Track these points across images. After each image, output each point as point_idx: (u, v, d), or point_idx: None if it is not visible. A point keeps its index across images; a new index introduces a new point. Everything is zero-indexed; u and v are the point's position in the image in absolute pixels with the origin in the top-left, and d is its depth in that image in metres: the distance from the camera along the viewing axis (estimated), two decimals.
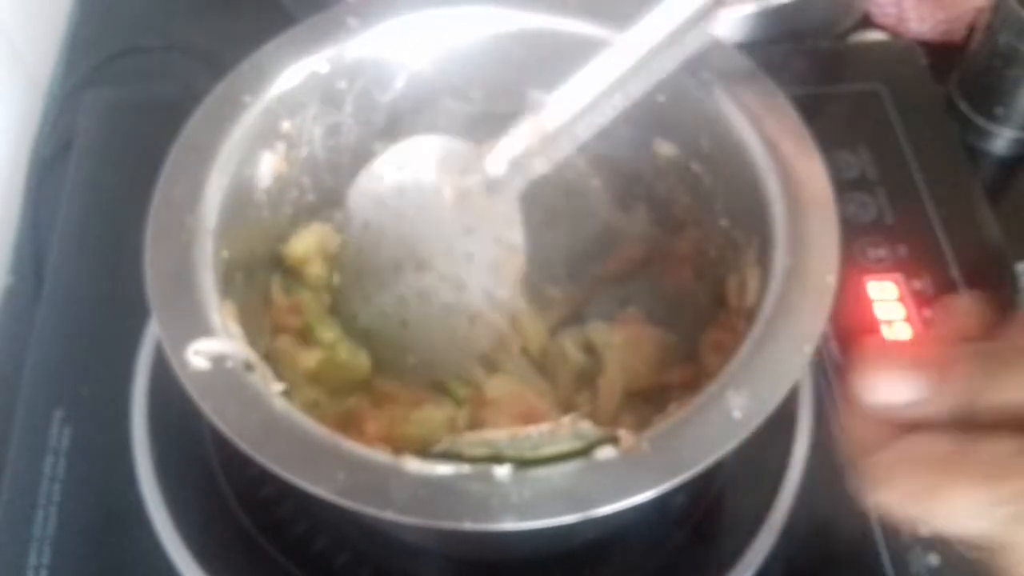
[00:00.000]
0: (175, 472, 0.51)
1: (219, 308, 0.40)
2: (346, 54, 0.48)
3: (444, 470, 0.35)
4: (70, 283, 0.58)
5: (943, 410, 0.30)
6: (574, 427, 0.38)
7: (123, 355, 0.54)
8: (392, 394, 0.48)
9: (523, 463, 0.36)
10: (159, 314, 0.38)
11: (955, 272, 0.58)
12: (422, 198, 0.47)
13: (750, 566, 0.48)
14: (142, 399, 0.53)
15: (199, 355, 0.37)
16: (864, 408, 0.32)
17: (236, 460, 0.35)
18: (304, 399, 0.46)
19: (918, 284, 0.57)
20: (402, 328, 0.48)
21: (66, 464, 0.51)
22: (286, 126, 0.47)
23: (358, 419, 0.47)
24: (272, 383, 0.39)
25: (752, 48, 0.46)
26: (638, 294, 0.52)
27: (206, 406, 0.36)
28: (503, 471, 0.35)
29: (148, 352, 0.54)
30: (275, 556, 0.49)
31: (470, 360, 0.47)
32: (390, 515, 0.34)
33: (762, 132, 0.44)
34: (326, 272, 0.50)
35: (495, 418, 0.46)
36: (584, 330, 0.50)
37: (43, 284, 0.59)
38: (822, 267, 0.40)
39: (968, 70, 0.66)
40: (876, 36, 0.73)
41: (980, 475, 0.28)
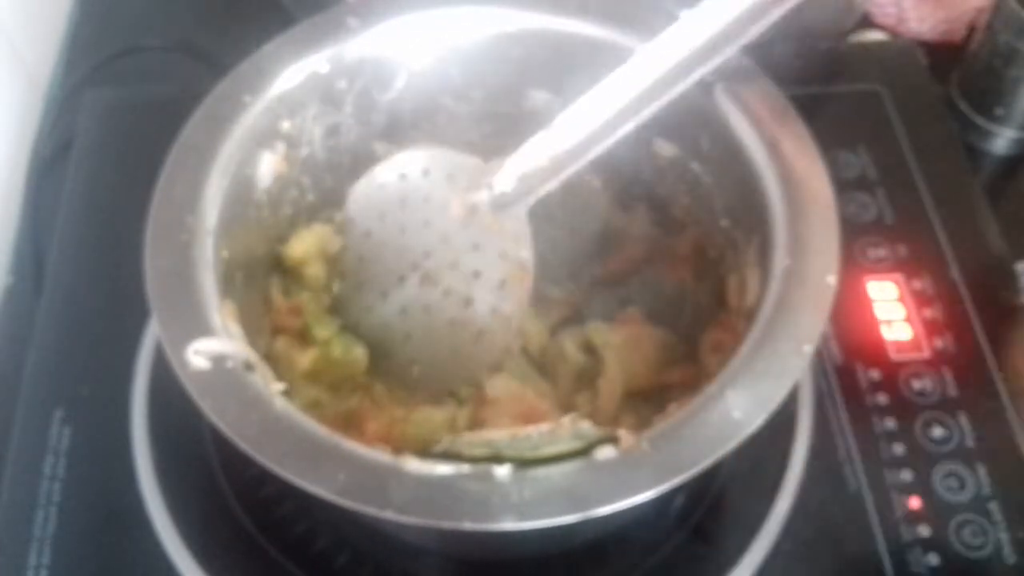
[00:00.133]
0: (175, 472, 0.51)
1: (219, 308, 0.40)
2: (346, 54, 0.48)
3: (444, 470, 0.35)
4: (70, 283, 0.58)
5: None
6: (574, 427, 0.38)
7: (123, 355, 0.54)
8: (392, 395, 0.49)
9: (523, 463, 0.36)
10: (159, 314, 0.39)
11: (955, 272, 0.58)
12: (427, 211, 0.47)
13: (750, 566, 0.48)
14: (142, 399, 0.53)
15: (199, 355, 0.37)
16: None
17: (236, 460, 0.35)
18: (305, 399, 0.46)
19: (918, 284, 0.57)
20: (405, 340, 0.48)
21: (66, 464, 0.51)
22: (286, 126, 0.47)
23: (358, 419, 0.47)
24: (272, 383, 0.39)
25: (752, 48, 0.45)
26: (638, 294, 0.52)
27: (206, 406, 0.36)
28: (503, 471, 0.35)
29: (148, 352, 0.54)
30: (275, 556, 0.49)
31: (474, 376, 0.47)
32: (390, 515, 0.34)
33: (762, 132, 0.44)
34: (325, 273, 0.50)
35: (495, 418, 0.46)
36: (584, 330, 0.50)
37: (43, 284, 0.59)
38: (822, 267, 0.40)
39: (968, 70, 0.66)
40: (876, 36, 0.73)
41: None
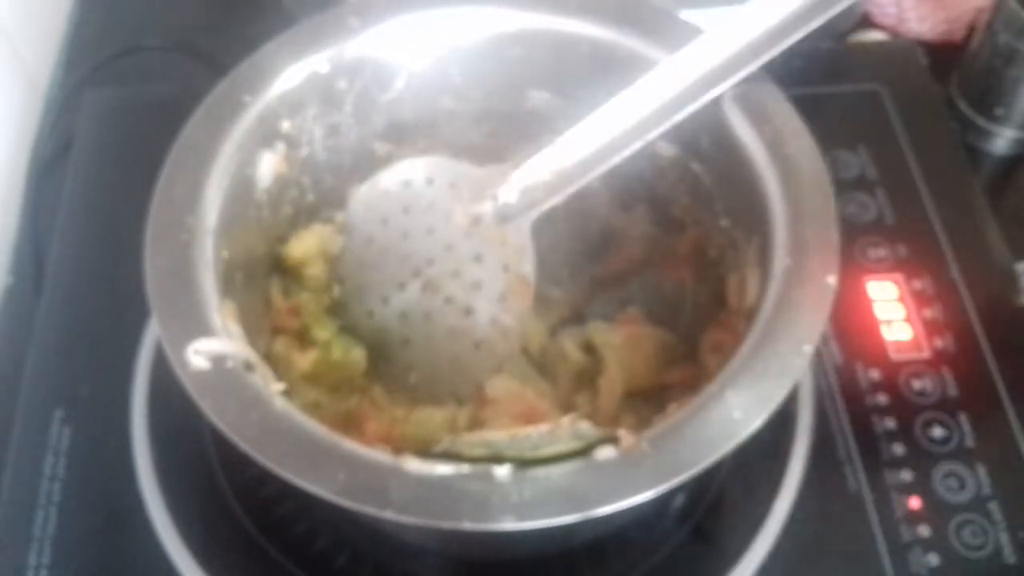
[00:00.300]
0: (175, 472, 0.51)
1: (219, 308, 0.40)
2: (346, 54, 0.48)
3: (444, 470, 0.35)
4: (70, 283, 0.58)
5: None
6: (574, 427, 0.38)
7: (123, 355, 0.54)
8: (391, 396, 0.48)
9: (523, 463, 0.36)
10: (159, 314, 0.38)
11: (955, 272, 0.58)
12: (431, 219, 0.47)
13: (750, 566, 0.48)
14: (142, 399, 0.53)
15: (199, 355, 0.37)
16: None
17: (236, 460, 0.35)
18: (304, 400, 0.46)
19: (918, 284, 0.57)
20: (404, 346, 0.48)
21: (66, 464, 0.51)
22: (286, 126, 0.47)
23: (358, 419, 0.47)
24: (272, 383, 0.39)
25: None
26: (638, 294, 0.52)
27: (206, 406, 0.36)
28: (503, 471, 0.35)
29: (148, 352, 0.54)
30: (275, 556, 0.49)
31: (472, 385, 0.47)
32: (390, 515, 0.34)
33: (762, 132, 0.44)
34: (325, 274, 0.50)
35: (495, 418, 0.46)
36: (584, 330, 0.50)
37: (43, 284, 0.59)
38: (822, 267, 0.40)
39: (968, 70, 0.66)
40: (876, 36, 0.73)
41: None
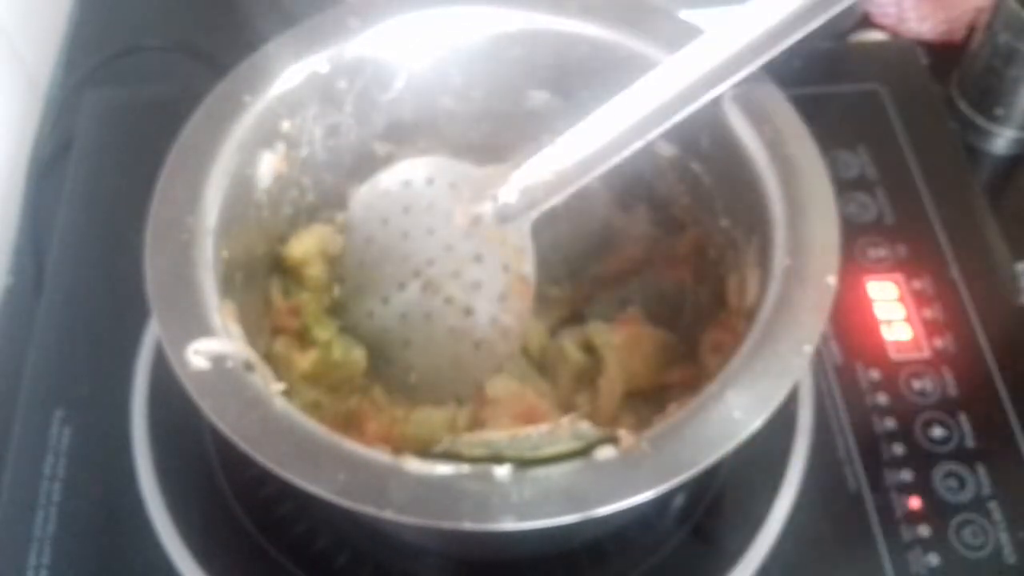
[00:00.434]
0: (175, 472, 0.51)
1: (219, 308, 0.40)
2: (346, 54, 0.48)
3: (444, 470, 0.35)
4: (70, 283, 0.58)
5: None
6: (573, 427, 0.38)
7: (123, 355, 0.54)
8: (391, 397, 0.48)
9: (523, 463, 0.36)
10: (159, 314, 0.38)
11: (955, 272, 0.58)
12: (431, 219, 0.47)
13: (750, 566, 0.48)
14: (142, 399, 0.53)
15: (199, 355, 0.37)
16: None
17: (236, 460, 0.35)
18: (304, 400, 0.46)
19: (918, 284, 0.57)
20: (405, 346, 0.48)
21: (66, 464, 0.51)
22: (286, 126, 0.47)
23: (358, 419, 0.47)
24: (272, 383, 0.39)
25: None
26: (638, 294, 0.52)
27: (206, 406, 0.36)
28: (503, 471, 0.35)
29: (148, 352, 0.54)
30: (275, 556, 0.49)
31: (472, 385, 0.47)
32: (390, 515, 0.34)
33: (762, 132, 0.44)
34: (325, 274, 0.50)
35: (495, 418, 0.46)
36: (584, 330, 0.50)
37: (43, 284, 0.59)
38: (822, 267, 0.40)
39: (968, 70, 0.66)
40: (876, 36, 0.73)
41: None
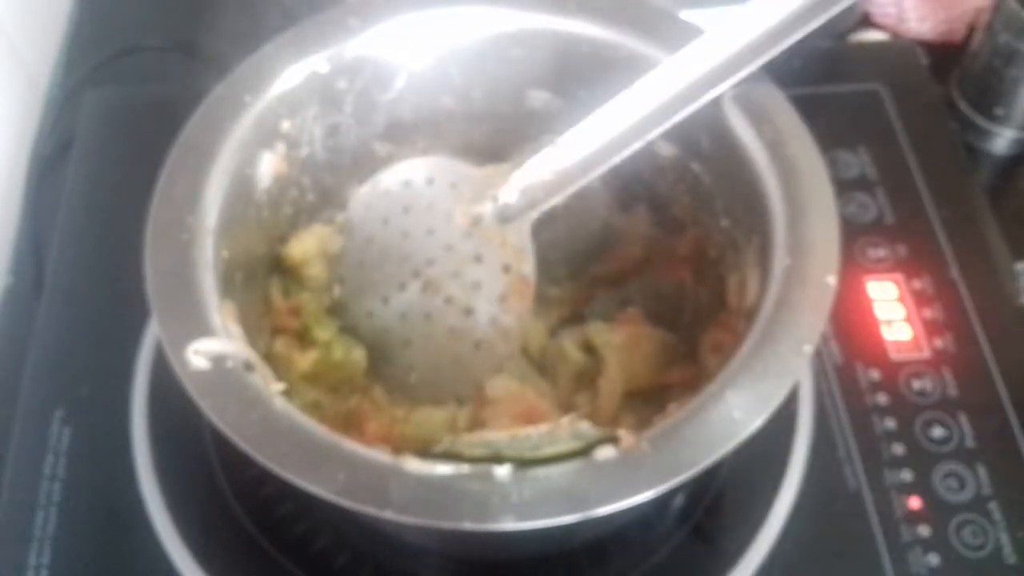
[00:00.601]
0: (175, 472, 0.51)
1: (219, 308, 0.40)
2: (346, 54, 0.48)
3: (444, 470, 0.35)
4: (70, 283, 0.58)
5: None
6: (573, 427, 0.38)
7: (123, 355, 0.54)
8: (391, 397, 0.48)
9: (523, 463, 0.36)
10: (159, 314, 0.38)
11: (955, 272, 0.58)
12: (431, 219, 0.47)
13: (750, 566, 0.48)
14: (142, 399, 0.53)
15: (199, 355, 0.37)
16: None
17: (236, 460, 0.35)
18: (304, 399, 0.46)
19: (918, 284, 0.57)
20: (405, 346, 0.48)
21: (66, 464, 0.51)
22: (286, 126, 0.47)
23: (358, 419, 0.47)
24: (272, 383, 0.39)
25: None
26: (638, 294, 0.52)
27: (206, 406, 0.36)
28: (503, 471, 0.35)
29: (148, 352, 0.54)
30: (275, 556, 0.49)
31: (472, 385, 0.47)
32: (390, 515, 0.34)
33: (762, 132, 0.44)
34: (325, 274, 0.50)
35: (495, 418, 0.46)
36: (584, 330, 0.50)
37: (43, 284, 0.59)
38: (822, 267, 0.40)
39: (968, 70, 0.66)
40: (876, 36, 0.73)
41: None
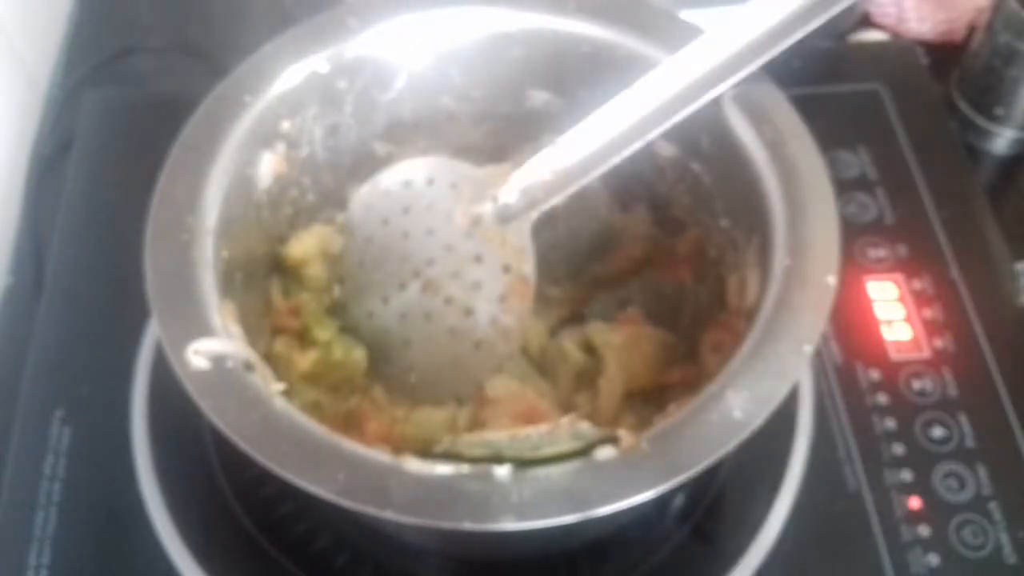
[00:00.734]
0: (175, 472, 0.51)
1: (219, 308, 0.40)
2: (346, 54, 0.48)
3: (444, 470, 0.35)
4: (70, 283, 0.58)
5: None
6: (573, 427, 0.38)
7: (123, 355, 0.54)
8: (391, 397, 0.48)
9: (523, 463, 0.36)
10: (159, 314, 0.38)
11: (955, 272, 0.58)
12: (431, 219, 0.47)
13: (750, 566, 0.48)
14: (142, 399, 0.53)
15: (199, 355, 0.37)
16: None
17: (236, 460, 0.35)
18: (304, 399, 0.46)
19: (918, 284, 0.57)
20: (405, 347, 0.48)
21: (66, 464, 0.51)
22: (286, 126, 0.47)
23: (358, 419, 0.47)
24: (272, 383, 0.39)
25: None
26: (638, 294, 0.52)
27: (206, 406, 0.36)
28: (503, 471, 0.35)
29: (148, 352, 0.54)
30: (275, 556, 0.49)
31: (472, 385, 0.47)
32: (390, 515, 0.34)
33: (762, 132, 0.44)
34: (325, 274, 0.50)
35: (495, 418, 0.46)
36: (584, 330, 0.50)
37: (43, 284, 0.59)
38: (822, 267, 0.40)
39: (968, 70, 0.66)
40: (876, 36, 0.73)
41: None
